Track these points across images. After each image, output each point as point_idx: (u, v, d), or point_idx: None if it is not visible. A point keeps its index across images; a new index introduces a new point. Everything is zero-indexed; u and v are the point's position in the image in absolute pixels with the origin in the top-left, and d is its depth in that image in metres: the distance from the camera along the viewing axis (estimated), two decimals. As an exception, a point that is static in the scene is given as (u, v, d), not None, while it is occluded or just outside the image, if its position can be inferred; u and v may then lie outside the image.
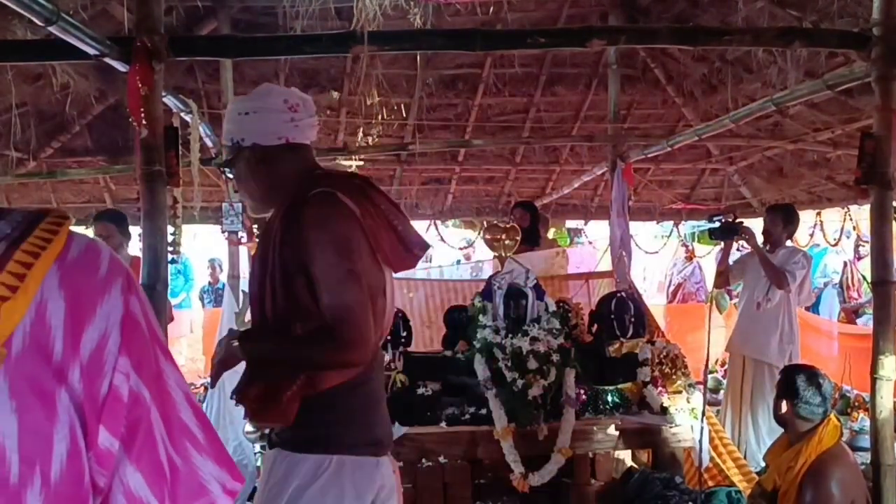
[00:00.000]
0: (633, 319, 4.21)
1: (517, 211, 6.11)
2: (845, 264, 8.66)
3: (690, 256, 9.86)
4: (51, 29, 2.54)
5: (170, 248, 3.05)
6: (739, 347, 5.38)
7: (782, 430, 3.27)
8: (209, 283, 9.91)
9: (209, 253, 10.07)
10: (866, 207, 3.37)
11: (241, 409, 1.86)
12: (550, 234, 8.43)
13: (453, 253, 9.74)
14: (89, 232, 4.76)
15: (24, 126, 5.66)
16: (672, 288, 9.96)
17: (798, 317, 5.47)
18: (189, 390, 0.81)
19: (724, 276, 5.45)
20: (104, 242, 0.79)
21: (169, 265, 3.09)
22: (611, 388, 3.98)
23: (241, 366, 1.91)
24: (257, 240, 6.00)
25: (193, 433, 0.79)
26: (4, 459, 0.64)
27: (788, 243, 5.35)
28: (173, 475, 0.76)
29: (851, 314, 8.30)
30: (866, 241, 7.15)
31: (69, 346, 0.68)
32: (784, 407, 3.11)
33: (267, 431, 1.95)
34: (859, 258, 8.49)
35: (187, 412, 0.79)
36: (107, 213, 4.91)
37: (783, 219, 5.25)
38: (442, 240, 8.76)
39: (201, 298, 9.90)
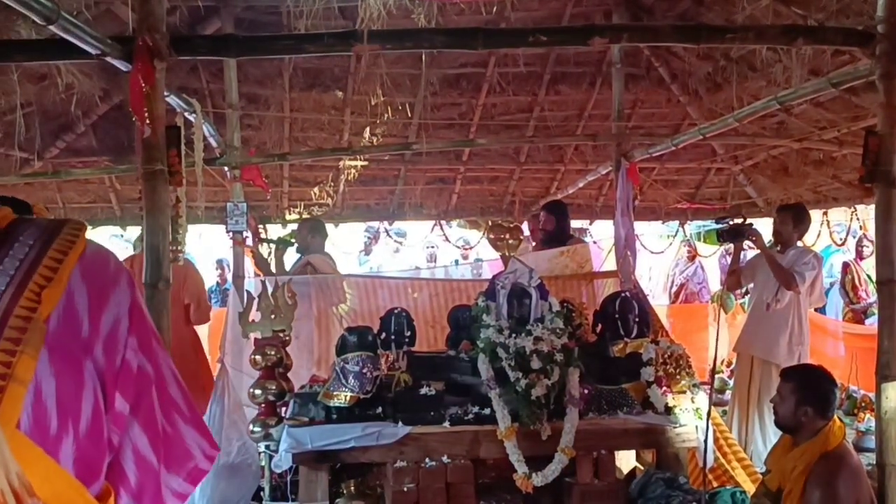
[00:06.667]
0: (637, 319, 4.20)
1: (543, 214, 6.15)
2: (846, 264, 8.58)
3: (693, 256, 9.82)
4: (52, 28, 2.54)
5: (171, 248, 3.04)
6: (748, 348, 5.34)
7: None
8: (217, 284, 9.89)
9: (215, 252, 10.06)
10: (873, 207, 3.35)
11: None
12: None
13: (456, 253, 9.72)
14: (92, 232, 4.76)
15: (30, 126, 5.67)
16: (675, 288, 9.93)
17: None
18: (176, 370, 0.96)
19: (735, 277, 5.42)
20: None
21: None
22: (614, 387, 3.96)
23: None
24: (264, 241, 6.02)
25: (180, 406, 0.95)
26: (46, 413, 0.79)
27: (799, 244, 5.31)
28: (165, 440, 0.91)
29: (860, 314, 8.23)
30: (871, 241, 7.10)
31: (92, 325, 0.85)
32: (791, 409, 3.08)
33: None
34: (861, 258, 8.42)
35: (174, 388, 0.95)
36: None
37: (794, 218, 5.20)
38: (447, 240, 8.75)
39: (209, 299, 9.88)
